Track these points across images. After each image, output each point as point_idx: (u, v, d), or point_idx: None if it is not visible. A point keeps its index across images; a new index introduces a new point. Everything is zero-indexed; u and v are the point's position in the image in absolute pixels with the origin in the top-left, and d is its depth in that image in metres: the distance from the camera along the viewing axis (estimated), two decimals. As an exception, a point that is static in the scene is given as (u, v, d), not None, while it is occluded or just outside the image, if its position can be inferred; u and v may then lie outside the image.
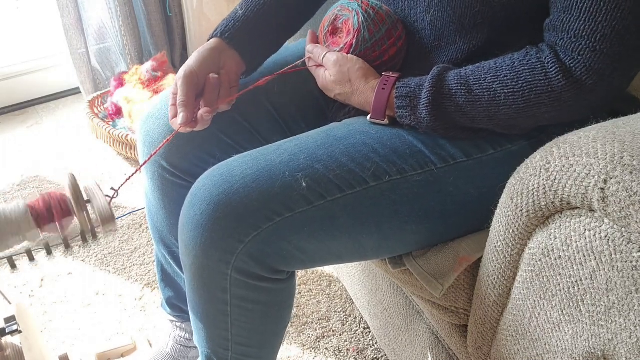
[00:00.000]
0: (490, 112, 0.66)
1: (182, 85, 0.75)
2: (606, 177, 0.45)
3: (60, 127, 1.97)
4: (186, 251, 0.71)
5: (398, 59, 0.77)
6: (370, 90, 0.74)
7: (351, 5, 0.76)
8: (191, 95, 0.75)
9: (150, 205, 0.94)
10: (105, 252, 1.42)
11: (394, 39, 0.75)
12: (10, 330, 0.70)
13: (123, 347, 1.15)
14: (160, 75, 1.79)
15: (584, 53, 0.60)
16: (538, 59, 0.63)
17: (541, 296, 0.56)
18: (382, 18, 0.75)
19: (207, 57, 0.78)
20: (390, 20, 0.75)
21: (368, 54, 0.75)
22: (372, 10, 0.75)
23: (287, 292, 0.77)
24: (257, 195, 0.67)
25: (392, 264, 0.78)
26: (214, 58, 0.79)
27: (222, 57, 0.79)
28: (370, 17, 0.74)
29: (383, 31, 0.74)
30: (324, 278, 1.32)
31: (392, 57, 0.76)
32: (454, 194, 0.71)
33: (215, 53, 0.79)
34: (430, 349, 0.87)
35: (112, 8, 1.86)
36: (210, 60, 0.78)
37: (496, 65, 0.66)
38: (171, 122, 0.77)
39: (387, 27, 0.75)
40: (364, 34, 0.74)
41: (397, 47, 0.76)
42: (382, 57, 0.76)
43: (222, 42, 0.80)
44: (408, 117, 0.71)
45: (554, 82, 0.62)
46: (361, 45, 0.75)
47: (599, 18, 0.59)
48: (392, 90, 0.72)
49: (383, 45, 0.75)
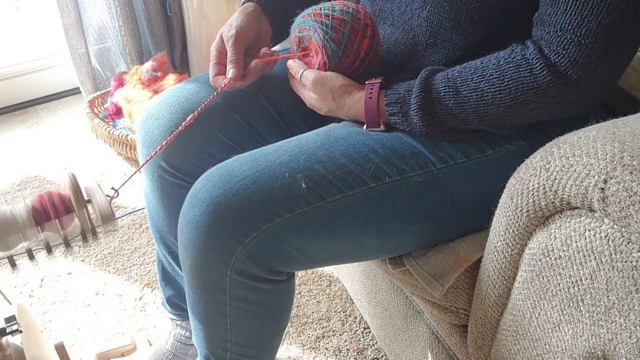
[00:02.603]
0: (480, 112, 0.66)
1: (234, 44, 0.78)
2: (606, 177, 0.45)
3: (60, 127, 1.97)
4: (185, 252, 0.71)
5: (374, 48, 0.76)
6: (358, 103, 0.73)
7: (306, 23, 0.75)
8: (241, 53, 0.78)
9: (150, 205, 0.94)
10: (105, 252, 1.42)
11: (361, 31, 0.74)
12: (11, 330, 0.70)
13: (123, 347, 1.15)
14: (160, 75, 1.79)
15: (569, 47, 0.60)
16: (523, 56, 0.63)
17: (541, 296, 0.56)
18: (340, 20, 0.73)
19: (252, 18, 0.82)
20: (348, 17, 0.73)
21: (343, 61, 0.75)
22: (326, 18, 0.73)
23: (286, 293, 0.77)
24: (256, 196, 0.67)
25: (392, 264, 0.78)
26: (256, 21, 0.83)
27: (260, 21, 0.83)
28: (329, 26, 0.73)
29: (347, 32, 0.73)
30: (324, 278, 1.32)
31: (367, 50, 0.75)
32: (454, 194, 0.71)
33: (256, 16, 0.83)
34: (430, 349, 0.87)
35: (112, 8, 1.86)
36: (254, 22, 0.82)
37: (482, 64, 0.66)
38: (213, 81, 0.80)
39: (349, 25, 0.73)
40: (331, 46, 0.73)
41: (367, 37, 0.74)
42: (358, 56, 0.75)
43: (259, 7, 0.84)
44: (401, 123, 0.71)
45: (539, 77, 0.62)
46: (333, 58, 0.74)
47: (585, 12, 0.59)
48: (380, 96, 0.72)
49: (354, 45, 0.74)
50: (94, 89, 1.99)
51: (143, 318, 1.24)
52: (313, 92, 0.76)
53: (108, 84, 1.97)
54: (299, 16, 0.77)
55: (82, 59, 1.93)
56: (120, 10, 1.85)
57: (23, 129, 1.96)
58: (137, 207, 1.57)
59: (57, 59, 2.08)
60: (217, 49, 0.80)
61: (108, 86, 1.95)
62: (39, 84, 2.10)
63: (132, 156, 1.74)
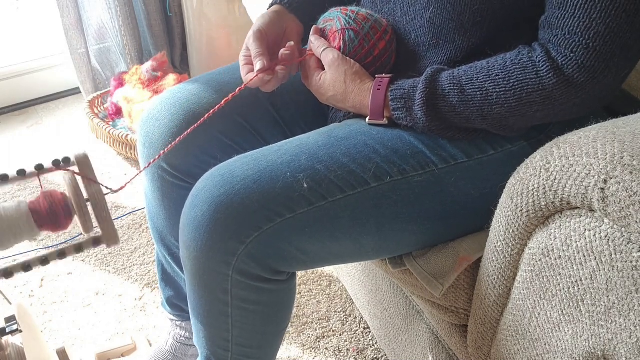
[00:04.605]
0: (484, 111, 0.67)
1: (255, 40, 0.78)
2: (606, 177, 0.46)
3: (60, 127, 1.97)
4: (187, 252, 0.71)
5: (389, 53, 0.78)
6: (366, 92, 0.74)
7: (331, 15, 0.80)
8: (264, 47, 0.78)
9: (150, 206, 0.94)
10: (105, 252, 1.42)
11: (380, 33, 0.76)
12: (11, 330, 0.70)
13: (123, 347, 1.15)
14: (160, 75, 1.79)
15: (577, 50, 0.61)
16: (529, 58, 0.64)
17: (541, 296, 0.56)
18: (363, 17, 0.77)
19: (273, 18, 0.82)
20: (372, 18, 0.77)
21: (358, 51, 0.76)
22: (351, 12, 0.78)
23: (287, 293, 0.77)
24: (258, 196, 0.67)
25: (393, 264, 0.78)
26: (279, 20, 0.83)
27: (284, 20, 0.84)
28: (352, 18, 0.77)
29: (367, 27, 0.76)
30: (324, 278, 1.32)
31: (382, 51, 0.77)
32: (455, 194, 0.72)
33: (278, 16, 0.84)
34: (430, 349, 0.87)
35: (112, 8, 1.86)
36: (276, 21, 0.83)
37: (488, 65, 0.66)
38: (244, 78, 0.79)
39: (370, 23, 0.77)
40: (349, 34, 0.76)
41: (385, 40, 0.77)
42: (372, 52, 0.76)
43: (282, 7, 0.85)
44: (405, 118, 0.71)
45: (544, 80, 0.62)
46: (349, 45, 0.76)
47: (594, 15, 0.59)
48: (387, 91, 0.72)
49: (371, 40, 0.76)
50: (94, 89, 1.99)
51: (143, 318, 1.24)
52: (329, 70, 0.76)
53: (108, 84, 1.97)
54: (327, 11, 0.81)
55: (82, 59, 1.93)
56: (120, 10, 1.85)
57: (23, 129, 1.96)
58: (137, 207, 1.57)
59: (57, 59, 2.08)
60: (244, 54, 0.81)
61: (108, 86, 1.95)
62: (39, 84, 2.10)
63: (132, 156, 1.74)
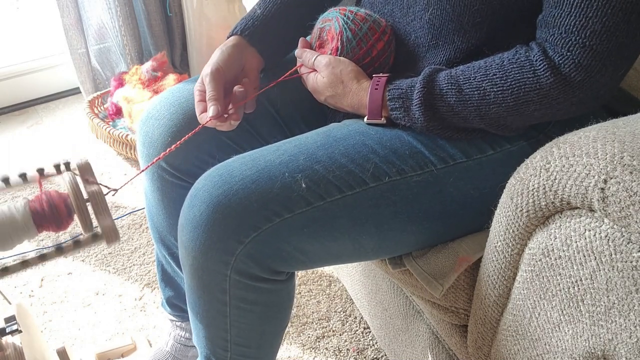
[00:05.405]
0: (481, 111, 0.67)
1: (211, 81, 0.76)
2: (606, 177, 0.45)
3: (60, 127, 1.97)
4: (185, 252, 0.71)
5: (388, 54, 0.78)
6: (363, 91, 0.74)
7: (330, 15, 0.79)
8: (220, 90, 0.77)
9: (150, 205, 0.94)
10: (105, 252, 1.42)
11: (379, 33, 0.76)
12: (11, 330, 0.70)
13: (123, 347, 1.15)
14: (160, 75, 1.79)
15: (573, 49, 0.61)
16: (527, 57, 0.64)
17: (541, 296, 0.56)
18: (362, 17, 0.77)
19: (231, 53, 0.80)
20: (370, 18, 0.77)
21: (355, 52, 0.76)
22: (350, 13, 0.77)
23: (286, 293, 0.77)
24: (256, 196, 0.67)
25: (392, 264, 0.78)
26: (238, 55, 0.81)
27: (244, 54, 0.81)
28: (350, 18, 0.77)
29: (365, 28, 0.76)
30: (324, 278, 1.32)
31: (380, 52, 0.77)
32: (454, 194, 0.71)
33: (238, 50, 0.81)
34: (430, 349, 0.87)
35: (112, 8, 1.86)
36: (235, 56, 0.80)
37: (486, 64, 0.67)
38: (199, 117, 0.78)
39: (369, 24, 0.76)
40: (347, 34, 0.76)
41: (384, 41, 0.77)
42: (370, 53, 0.76)
43: (242, 39, 0.82)
44: (402, 118, 0.71)
45: (542, 79, 0.62)
46: (347, 46, 0.76)
47: (590, 13, 0.59)
48: (385, 91, 0.72)
49: (369, 41, 0.76)
50: (94, 89, 1.99)
51: (143, 318, 1.24)
52: (324, 73, 0.76)
53: (108, 84, 1.97)
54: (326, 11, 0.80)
55: (82, 59, 1.93)
56: (120, 10, 1.85)
57: (23, 129, 1.96)
58: (137, 207, 1.57)
59: (57, 59, 2.08)
60: (198, 87, 0.79)
61: (108, 86, 1.95)
62: (39, 84, 2.10)
63: (132, 156, 1.74)
